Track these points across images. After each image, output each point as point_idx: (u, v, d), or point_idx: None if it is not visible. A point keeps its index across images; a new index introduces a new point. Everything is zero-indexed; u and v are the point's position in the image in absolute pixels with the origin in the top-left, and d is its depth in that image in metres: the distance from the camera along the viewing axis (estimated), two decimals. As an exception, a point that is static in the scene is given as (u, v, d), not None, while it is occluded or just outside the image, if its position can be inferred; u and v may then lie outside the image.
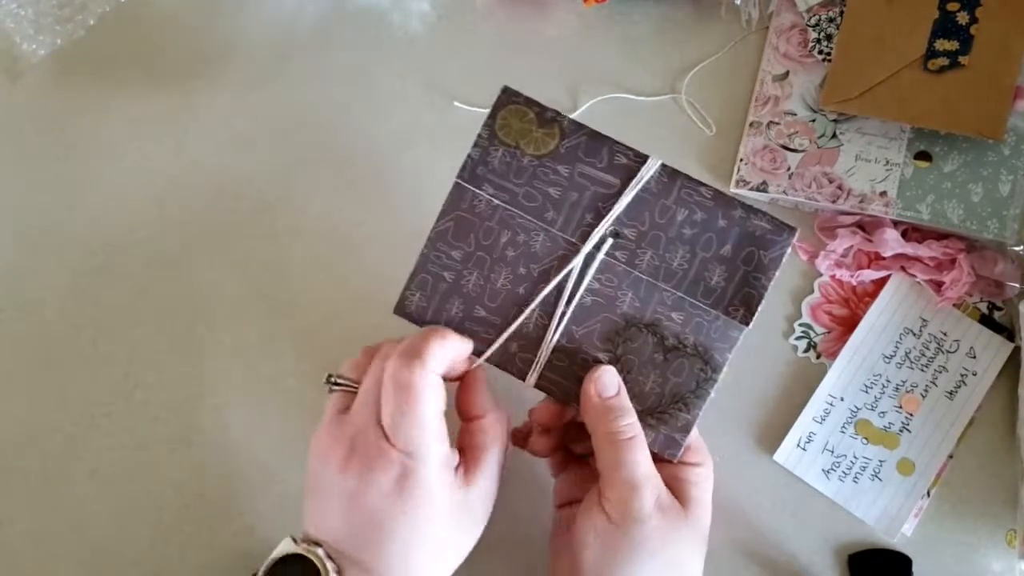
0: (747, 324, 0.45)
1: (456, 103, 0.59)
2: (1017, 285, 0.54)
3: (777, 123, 0.57)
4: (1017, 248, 0.53)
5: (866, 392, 0.54)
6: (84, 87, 0.61)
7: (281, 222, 0.59)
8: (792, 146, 0.56)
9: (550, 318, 0.46)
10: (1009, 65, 0.53)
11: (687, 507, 0.44)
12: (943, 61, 0.53)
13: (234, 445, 0.56)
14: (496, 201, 0.46)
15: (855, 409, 0.54)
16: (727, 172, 0.57)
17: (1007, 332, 0.54)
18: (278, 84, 0.61)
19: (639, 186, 0.45)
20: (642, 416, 0.45)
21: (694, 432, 0.45)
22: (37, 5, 0.59)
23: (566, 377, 0.46)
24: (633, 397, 0.45)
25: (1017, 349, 0.53)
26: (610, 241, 0.45)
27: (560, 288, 0.46)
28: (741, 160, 0.57)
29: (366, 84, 0.60)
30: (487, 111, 0.45)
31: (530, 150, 0.46)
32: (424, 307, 0.47)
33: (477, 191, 0.46)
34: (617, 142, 0.45)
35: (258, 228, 0.59)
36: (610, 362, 0.46)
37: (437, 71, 0.60)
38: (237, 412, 0.56)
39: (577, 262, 0.45)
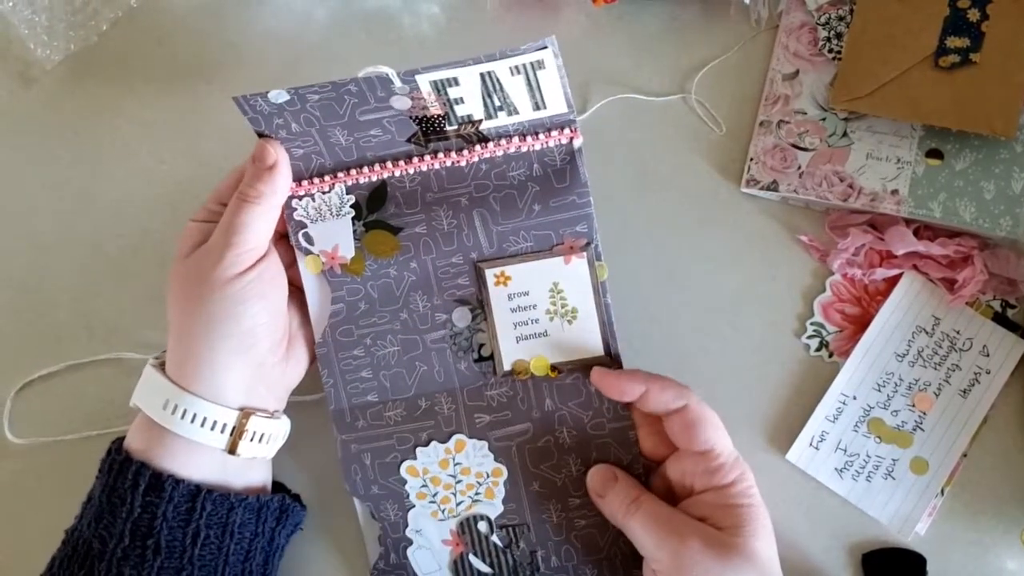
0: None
1: (466, 105, 0.59)
2: (1030, 283, 0.53)
3: (787, 122, 0.57)
4: (1030, 245, 0.52)
5: (879, 391, 0.54)
6: (97, 92, 0.61)
7: (292, 224, 0.59)
8: (802, 145, 0.56)
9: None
10: (1021, 62, 0.53)
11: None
12: (954, 58, 0.53)
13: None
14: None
15: (868, 408, 0.54)
16: (737, 172, 0.57)
17: (1021, 330, 0.54)
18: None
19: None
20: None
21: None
22: (51, 11, 0.60)
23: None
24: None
25: (1031, 347, 0.53)
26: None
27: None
28: (751, 159, 0.57)
29: (376, 86, 0.61)
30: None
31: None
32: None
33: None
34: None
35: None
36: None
37: (447, 73, 0.60)
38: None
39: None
